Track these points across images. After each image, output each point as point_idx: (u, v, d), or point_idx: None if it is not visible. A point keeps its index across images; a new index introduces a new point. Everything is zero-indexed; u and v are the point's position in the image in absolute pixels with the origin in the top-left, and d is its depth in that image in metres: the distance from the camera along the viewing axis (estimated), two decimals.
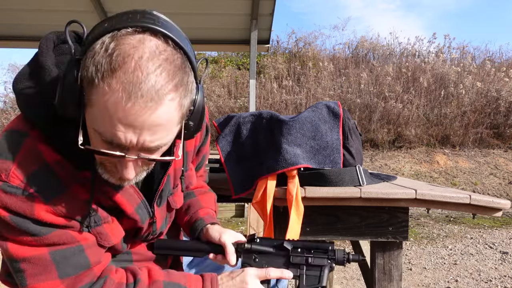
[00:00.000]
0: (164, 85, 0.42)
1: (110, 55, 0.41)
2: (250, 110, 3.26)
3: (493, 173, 5.02)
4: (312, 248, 0.66)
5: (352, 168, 0.92)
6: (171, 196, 0.66)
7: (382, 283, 0.93)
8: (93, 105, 0.43)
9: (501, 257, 2.56)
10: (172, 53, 0.43)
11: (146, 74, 0.41)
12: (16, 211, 0.48)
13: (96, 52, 0.42)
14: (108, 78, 0.41)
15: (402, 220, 0.91)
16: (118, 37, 0.42)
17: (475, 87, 5.84)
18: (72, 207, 0.51)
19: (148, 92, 0.41)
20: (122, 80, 0.41)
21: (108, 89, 0.41)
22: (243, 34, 3.35)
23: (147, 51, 0.42)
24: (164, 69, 0.42)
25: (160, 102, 0.42)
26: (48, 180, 0.49)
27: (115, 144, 0.44)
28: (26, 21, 3.10)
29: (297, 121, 0.96)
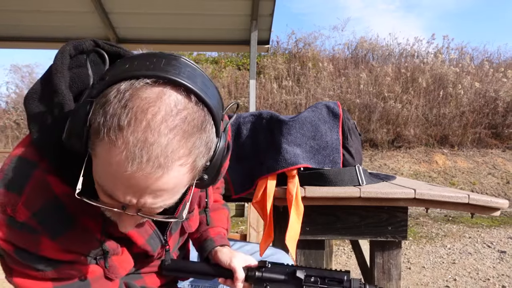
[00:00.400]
0: (175, 149, 0.37)
1: (122, 108, 0.36)
2: (250, 110, 3.26)
3: (491, 173, 5.03)
4: (326, 278, 0.63)
5: (352, 168, 0.93)
6: (186, 221, 0.64)
7: (381, 282, 0.94)
8: (97, 156, 0.39)
9: (499, 256, 2.57)
10: (193, 111, 0.38)
11: (158, 136, 0.36)
12: (21, 246, 0.46)
13: (108, 101, 0.37)
14: (114, 134, 0.36)
15: (401, 219, 0.91)
16: (135, 87, 0.37)
17: (473, 87, 5.85)
18: (81, 241, 0.49)
19: (156, 158, 0.36)
20: (129, 140, 0.35)
21: (112, 146, 0.36)
22: (243, 34, 3.35)
23: (163, 109, 0.36)
24: (178, 132, 0.37)
25: (169, 169, 0.37)
26: (56, 214, 0.46)
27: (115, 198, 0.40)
28: (26, 22, 3.10)
29: (297, 121, 0.96)
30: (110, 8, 2.98)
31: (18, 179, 0.45)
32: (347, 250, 2.70)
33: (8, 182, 0.45)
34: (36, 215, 0.44)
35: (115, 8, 2.97)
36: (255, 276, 0.63)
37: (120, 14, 3.02)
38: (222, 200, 0.79)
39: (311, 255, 0.94)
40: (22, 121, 6.40)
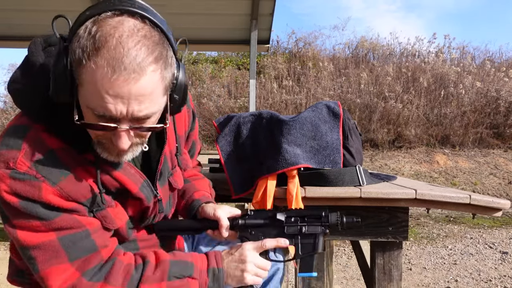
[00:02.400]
0: (144, 58, 0.46)
1: (93, 37, 0.46)
2: (250, 110, 3.26)
3: (493, 173, 5.02)
4: (305, 216, 0.67)
5: (352, 168, 0.92)
6: (172, 176, 0.70)
7: (382, 283, 0.93)
8: (83, 84, 0.47)
9: (501, 257, 2.56)
10: (150, 31, 0.48)
11: (127, 49, 0.46)
12: (25, 195, 0.51)
13: (81, 36, 0.47)
14: (94, 57, 0.45)
15: (402, 220, 0.91)
16: (99, 20, 0.47)
17: (475, 87, 5.84)
18: (77, 190, 0.54)
19: (130, 64, 0.46)
20: (106, 57, 0.45)
21: (94, 66, 0.46)
22: (243, 34, 3.35)
23: (126, 29, 0.46)
24: (143, 44, 0.47)
25: (142, 73, 0.46)
26: (53, 165, 0.52)
27: (107, 117, 0.48)
28: (26, 21, 3.10)
29: (297, 121, 0.96)
30: None
31: (15, 139, 0.52)
32: (348, 250, 2.69)
33: (6, 143, 0.52)
34: (35, 165, 0.51)
35: None
36: (239, 223, 0.68)
37: None
38: (202, 175, 0.87)
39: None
40: None
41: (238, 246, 0.65)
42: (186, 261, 0.62)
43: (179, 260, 0.61)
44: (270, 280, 0.79)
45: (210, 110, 6.13)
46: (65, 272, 0.54)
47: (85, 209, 0.56)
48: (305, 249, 0.66)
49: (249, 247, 0.64)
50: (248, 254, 0.63)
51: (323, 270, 0.94)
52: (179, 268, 0.60)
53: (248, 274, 0.63)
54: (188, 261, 0.62)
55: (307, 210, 0.69)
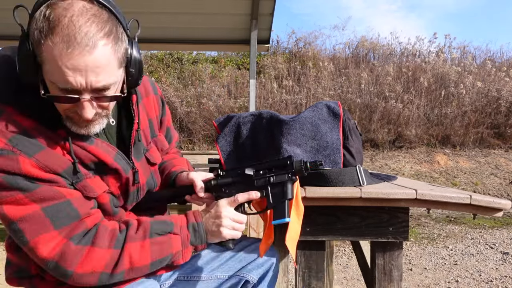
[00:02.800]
0: (95, 33, 0.52)
1: (48, 18, 0.52)
2: (250, 110, 3.25)
3: (493, 173, 5.01)
4: (272, 167, 0.71)
5: (352, 168, 0.92)
6: (148, 152, 0.74)
7: (382, 284, 0.93)
8: (45, 61, 0.53)
9: (502, 258, 2.55)
10: (99, 10, 0.54)
11: (79, 26, 0.51)
12: (5, 169, 0.54)
13: (37, 19, 0.52)
14: (50, 35, 0.51)
15: (403, 220, 0.90)
16: (51, 4, 0.53)
17: (475, 87, 5.83)
18: (54, 162, 0.58)
19: (83, 39, 0.51)
20: (61, 34, 0.51)
21: (51, 44, 0.51)
22: (243, 34, 3.35)
23: (76, 10, 0.52)
24: (93, 22, 0.52)
25: (95, 46, 0.52)
26: (28, 140, 0.56)
27: (70, 89, 0.53)
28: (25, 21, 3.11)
29: (297, 121, 0.96)
30: None
31: None
32: (348, 251, 2.69)
33: None
34: (10, 141, 0.55)
35: None
36: (212, 184, 0.73)
37: None
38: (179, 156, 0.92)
39: (311, 256, 0.93)
40: None
41: (214, 204, 0.69)
42: (165, 220, 0.66)
43: (159, 220, 0.66)
44: (261, 281, 0.79)
45: (210, 110, 6.12)
46: (53, 240, 0.56)
47: (64, 180, 0.59)
48: (276, 197, 0.70)
49: (223, 203, 0.68)
50: (223, 210, 0.67)
51: (323, 271, 0.93)
52: (160, 226, 0.64)
53: (224, 229, 0.66)
54: (167, 220, 0.66)
55: (273, 161, 0.72)
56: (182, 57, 7.35)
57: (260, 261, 0.80)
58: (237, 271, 0.78)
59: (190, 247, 0.65)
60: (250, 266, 0.78)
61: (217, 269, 0.78)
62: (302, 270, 0.92)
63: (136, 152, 0.70)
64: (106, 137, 0.67)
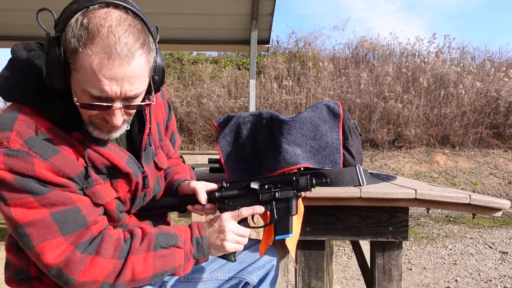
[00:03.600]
0: (132, 44, 0.54)
1: (86, 27, 0.52)
2: (250, 110, 3.26)
3: (493, 173, 5.02)
4: (278, 182, 0.70)
5: (352, 168, 0.92)
6: (156, 156, 0.75)
7: (382, 283, 0.93)
8: (79, 69, 0.53)
9: (501, 257, 2.56)
10: (133, 20, 0.55)
11: (118, 37, 0.52)
12: (19, 171, 0.54)
13: (73, 27, 0.53)
14: (89, 45, 0.52)
15: (402, 220, 0.91)
16: (88, 12, 0.53)
17: (474, 87, 5.84)
18: (67, 166, 0.58)
19: (122, 50, 0.53)
20: (101, 45, 0.52)
21: (91, 53, 0.52)
22: (243, 34, 3.35)
23: (114, 20, 0.53)
24: (130, 32, 0.54)
25: (133, 57, 0.54)
26: (44, 143, 0.56)
27: (103, 97, 0.54)
28: (26, 21, 3.10)
29: (297, 121, 0.96)
30: None
31: (7, 122, 0.56)
32: (348, 250, 2.69)
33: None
34: (27, 142, 0.55)
35: None
36: (216, 196, 0.71)
37: None
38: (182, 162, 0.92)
39: (311, 256, 0.93)
40: None
41: (217, 217, 0.68)
42: (170, 232, 0.65)
43: (164, 232, 0.65)
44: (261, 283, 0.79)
45: (210, 110, 6.12)
46: (59, 247, 0.56)
47: (75, 185, 0.59)
48: (280, 213, 0.69)
49: (227, 216, 0.67)
50: (226, 224, 0.66)
51: (323, 270, 0.94)
52: (164, 239, 0.63)
53: (228, 243, 0.66)
54: (172, 232, 0.65)
55: (279, 176, 0.71)
56: (182, 57, 7.35)
57: (261, 263, 0.80)
58: (237, 273, 0.78)
59: (192, 261, 0.65)
60: (250, 268, 0.78)
61: (218, 270, 0.78)
62: (302, 269, 0.93)
63: (146, 156, 0.70)
64: (116, 140, 0.67)
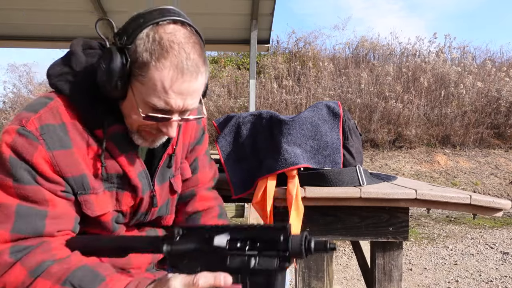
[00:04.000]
0: (198, 60, 0.56)
1: (159, 43, 0.54)
2: (250, 110, 3.25)
3: (493, 173, 5.01)
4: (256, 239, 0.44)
5: (352, 168, 0.92)
6: (173, 178, 0.72)
7: (382, 283, 0.93)
8: (147, 82, 0.54)
9: (502, 258, 2.55)
10: (196, 37, 0.58)
11: (188, 53, 0.55)
12: (19, 151, 0.54)
13: (145, 41, 0.54)
14: (162, 60, 0.53)
15: (402, 220, 0.90)
16: (158, 28, 0.55)
17: (475, 87, 5.83)
18: (68, 165, 0.57)
19: (192, 67, 0.55)
20: (173, 60, 0.54)
21: (162, 68, 0.53)
22: (243, 34, 3.35)
23: (182, 36, 0.55)
24: (196, 50, 0.56)
25: (199, 73, 0.56)
26: (58, 135, 0.57)
27: (166, 110, 0.56)
28: (25, 21, 3.10)
29: (297, 121, 0.96)
30: (109, 8, 2.98)
31: (36, 105, 0.58)
32: (348, 251, 2.69)
33: (27, 107, 0.58)
34: (42, 128, 0.56)
35: (114, 7, 2.97)
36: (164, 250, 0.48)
37: (119, 13, 3.01)
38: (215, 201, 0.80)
39: (311, 256, 0.93)
40: None
41: (165, 280, 0.47)
42: (99, 273, 0.52)
43: (93, 269, 0.53)
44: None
45: (210, 110, 6.13)
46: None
47: (66, 186, 0.57)
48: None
49: (177, 284, 0.46)
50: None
51: (323, 271, 0.93)
52: (84, 277, 0.51)
53: None
54: (101, 274, 0.52)
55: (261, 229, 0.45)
56: None
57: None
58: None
59: None
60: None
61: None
62: (302, 270, 0.93)
63: (160, 175, 0.68)
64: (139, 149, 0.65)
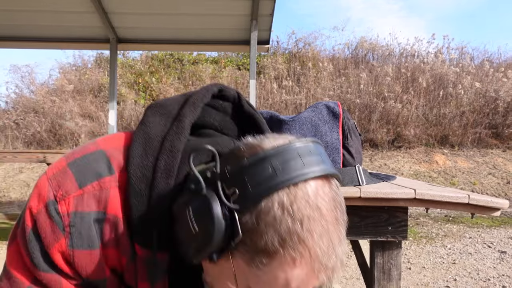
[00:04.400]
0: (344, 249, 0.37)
1: (300, 222, 0.34)
2: None
3: (491, 173, 5.03)
4: None
5: (352, 168, 0.93)
6: None
7: (381, 282, 0.94)
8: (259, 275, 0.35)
9: (500, 256, 2.57)
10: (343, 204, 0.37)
11: (334, 244, 0.35)
12: (39, 232, 0.42)
13: (276, 216, 0.34)
14: (296, 258, 0.34)
15: (401, 219, 0.91)
16: (296, 193, 0.34)
17: (473, 87, 5.85)
18: (87, 268, 0.44)
19: (336, 263, 0.36)
20: (315, 253, 0.34)
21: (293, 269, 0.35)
22: (243, 34, 3.35)
23: (328, 208, 0.35)
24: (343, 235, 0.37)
25: (340, 268, 0.37)
26: (90, 228, 0.42)
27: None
28: (26, 22, 3.11)
29: (297, 121, 0.96)
30: (110, 8, 2.98)
31: (89, 173, 0.42)
32: (347, 250, 2.70)
33: (78, 169, 0.42)
34: (73, 216, 0.41)
35: (115, 8, 2.97)
36: None
37: (120, 14, 3.02)
38: None
39: None
40: (22, 121, 6.40)
41: None
42: None
43: None
44: None
45: None
46: None
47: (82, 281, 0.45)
48: None
49: None
50: None
51: None
52: None
53: None
54: None
55: None
56: (183, 58, 7.35)
57: None
58: None
59: None
60: None
61: None
62: None
63: None
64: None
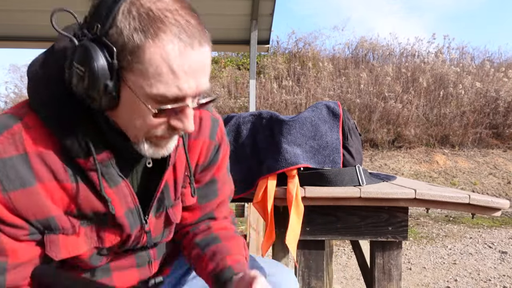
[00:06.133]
0: (198, 26, 0.42)
1: (147, 15, 0.39)
2: (250, 110, 3.26)
3: (492, 173, 5.03)
4: None
5: (352, 168, 0.93)
6: (171, 208, 0.58)
7: (381, 283, 0.93)
8: (145, 70, 0.40)
9: (500, 257, 2.57)
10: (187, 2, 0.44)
11: (187, 20, 0.41)
12: None
13: (128, 20, 0.39)
14: (160, 33, 0.39)
15: (402, 219, 0.91)
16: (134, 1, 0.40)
17: (474, 87, 5.85)
18: (30, 207, 0.45)
19: (196, 33, 0.41)
20: (174, 32, 0.40)
21: (163, 43, 0.39)
22: (243, 34, 3.35)
23: (170, 2, 0.41)
24: (192, 15, 0.42)
25: (205, 41, 0.42)
26: (17, 170, 0.44)
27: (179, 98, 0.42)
28: (26, 22, 3.11)
29: (297, 121, 0.96)
30: None
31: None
32: (348, 250, 2.70)
33: None
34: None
35: None
36: None
37: None
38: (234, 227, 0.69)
39: (311, 256, 0.93)
40: None
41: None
42: None
43: None
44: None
45: None
46: None
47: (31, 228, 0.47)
48: None
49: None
50: None
51: (323, 270, 0.94)
52: None
53: None
54: None
55: None
56: None
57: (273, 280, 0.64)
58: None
59: None
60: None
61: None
62: (302, 269, 0.93)
63: (157, 206, 0.55)
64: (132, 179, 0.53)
